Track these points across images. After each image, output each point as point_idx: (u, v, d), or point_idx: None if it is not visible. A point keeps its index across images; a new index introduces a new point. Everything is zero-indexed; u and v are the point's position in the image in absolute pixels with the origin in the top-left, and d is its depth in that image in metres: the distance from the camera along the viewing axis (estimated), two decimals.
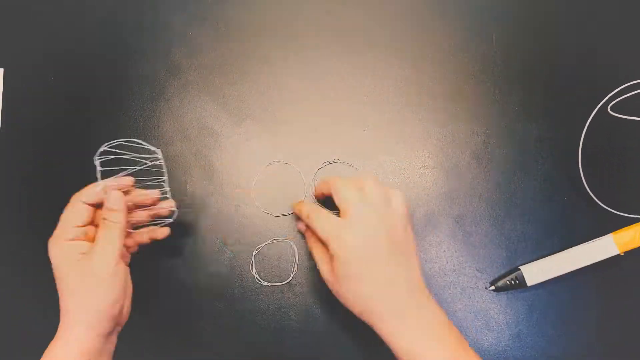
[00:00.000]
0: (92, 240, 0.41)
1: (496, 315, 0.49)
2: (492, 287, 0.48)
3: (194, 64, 0.54)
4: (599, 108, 0.50)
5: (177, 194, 0.51)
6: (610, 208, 0.49)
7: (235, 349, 0.49)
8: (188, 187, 0.51)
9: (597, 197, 0.50)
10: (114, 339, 0.42)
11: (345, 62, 0.54)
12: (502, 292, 0.49)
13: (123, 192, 0.42)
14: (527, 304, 0.49)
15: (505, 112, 0.52)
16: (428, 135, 0.52)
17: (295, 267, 0.50)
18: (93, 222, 0.42)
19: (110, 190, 0.41)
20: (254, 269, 0.49)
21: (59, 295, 0.40)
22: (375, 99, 0.53)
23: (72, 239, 0.40)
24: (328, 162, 0.51)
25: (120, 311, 0.40)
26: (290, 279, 0.50)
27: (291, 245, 0.50)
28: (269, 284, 0.50)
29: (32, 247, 0.51)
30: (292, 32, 0.54)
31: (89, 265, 0.38)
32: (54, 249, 0.40)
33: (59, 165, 0.52)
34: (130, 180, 0.43)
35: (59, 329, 0.39)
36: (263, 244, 0.50)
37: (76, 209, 0.41)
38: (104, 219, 0.40)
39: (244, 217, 0.51)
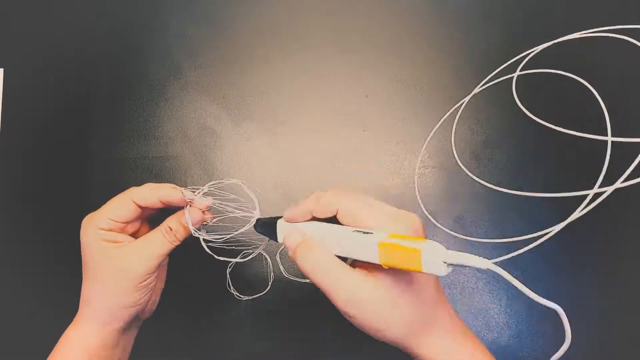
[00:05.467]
0: (129, 233, 0.39)
1: (496, 315, 0.49)
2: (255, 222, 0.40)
3: (194, 64, 0.54)
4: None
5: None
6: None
7: (236, 349, 0.49)
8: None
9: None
10: (134, 331, 0.42)
11: (345, 62, 0.54)
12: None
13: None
14: (527, 303, 0.49)
15: (504, 112, 0.52)
16: (428, 135, 0.52)
17: (272, 276, 0.49)
18: (137, 218, 0.40)
19: (195, 208, 0.39)
20: (231, 288, 0.49)
21: (83, 280, 0.39)
22: (375, 99, 0.53)
23: (105, 230, 0.38)
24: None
25: (143, 310, 0.40)
26: (268, 288, 0.49)
27: (264, 257, 0.49)
28: (249, 297, 0.49)
29: (33, 247, 0.51)
30: (292, 32, 0.54)
31: (125, 262, 0.37)
32: (85, 231, 0.38)
33: (58, 165, 0.52)
34: (210, 203, 0.40)
35: (77, 315, 0.39)
36: (234, 261, 0.49)
37: (123, 205, 0.38)
38: (170, 228, 0.38)
39: None
